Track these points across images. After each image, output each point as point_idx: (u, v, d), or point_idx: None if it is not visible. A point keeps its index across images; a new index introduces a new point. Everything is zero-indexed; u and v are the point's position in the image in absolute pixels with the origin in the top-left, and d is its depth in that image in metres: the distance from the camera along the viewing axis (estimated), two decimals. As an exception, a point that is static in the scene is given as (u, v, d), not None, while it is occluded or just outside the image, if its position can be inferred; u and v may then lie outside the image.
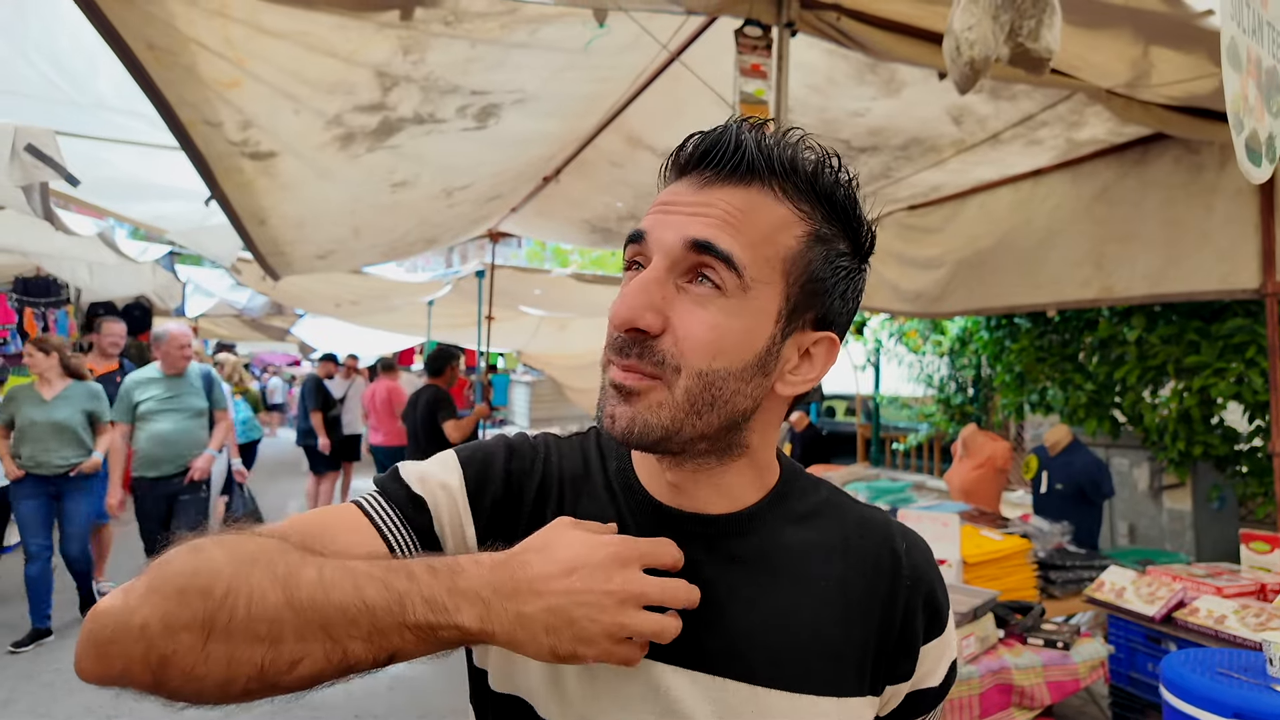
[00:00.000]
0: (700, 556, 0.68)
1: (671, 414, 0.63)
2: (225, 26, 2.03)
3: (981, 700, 2.25)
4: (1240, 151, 1.30)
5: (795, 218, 0.65)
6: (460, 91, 2.66)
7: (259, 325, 12.10)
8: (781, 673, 0.66)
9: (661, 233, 0.64)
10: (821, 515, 0.75)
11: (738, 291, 0.63)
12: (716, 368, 0.62)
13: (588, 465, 0.76)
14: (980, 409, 6.55)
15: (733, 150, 0.63)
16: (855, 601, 0.70)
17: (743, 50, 2.55)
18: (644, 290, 0.62)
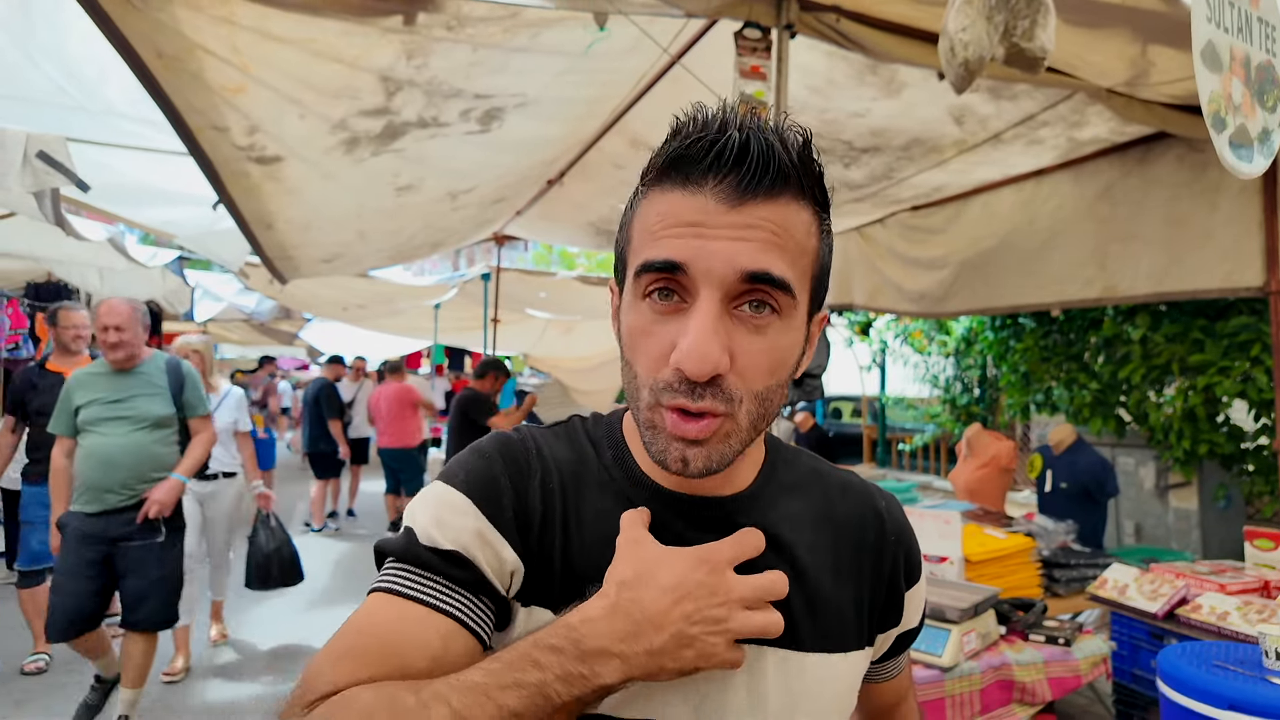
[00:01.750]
0: (708, 538, 0.69)
1: (740, 439, 0.64)
2: (232, 33, 2.06)
3: (982, 696, 2.26)
4: (1223, 149, 1.31)
5: (813, 218, 0.65)
6: (463, 95, 2.69)
7: (267, 329, 12.18)
8: (796, 636, 0.70)
9: (708, 263, 0.60)
10: (808, 484, 0.79)
11: (789, 312, 0.64)
12: (771, 384, 0.65)
13: (581, 456, 0.74)
14: (986, 409, 6.55)
15: (765, 160, 0.60)
16: (847, 561, 0.76)
17: (742, 52, 2.57)
18: (715, 333, 0.60)
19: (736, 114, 0.63)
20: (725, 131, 0.61)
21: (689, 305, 0.62)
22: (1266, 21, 1.38)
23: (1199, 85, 1.13)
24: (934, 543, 2.67)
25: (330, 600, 5.53)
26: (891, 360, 7.80)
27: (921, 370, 7.21)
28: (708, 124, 0.62)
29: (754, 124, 0.63)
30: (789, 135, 0.63)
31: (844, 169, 4.26)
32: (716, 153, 0.61)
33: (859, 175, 4.36)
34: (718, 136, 0.61)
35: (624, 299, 0.68)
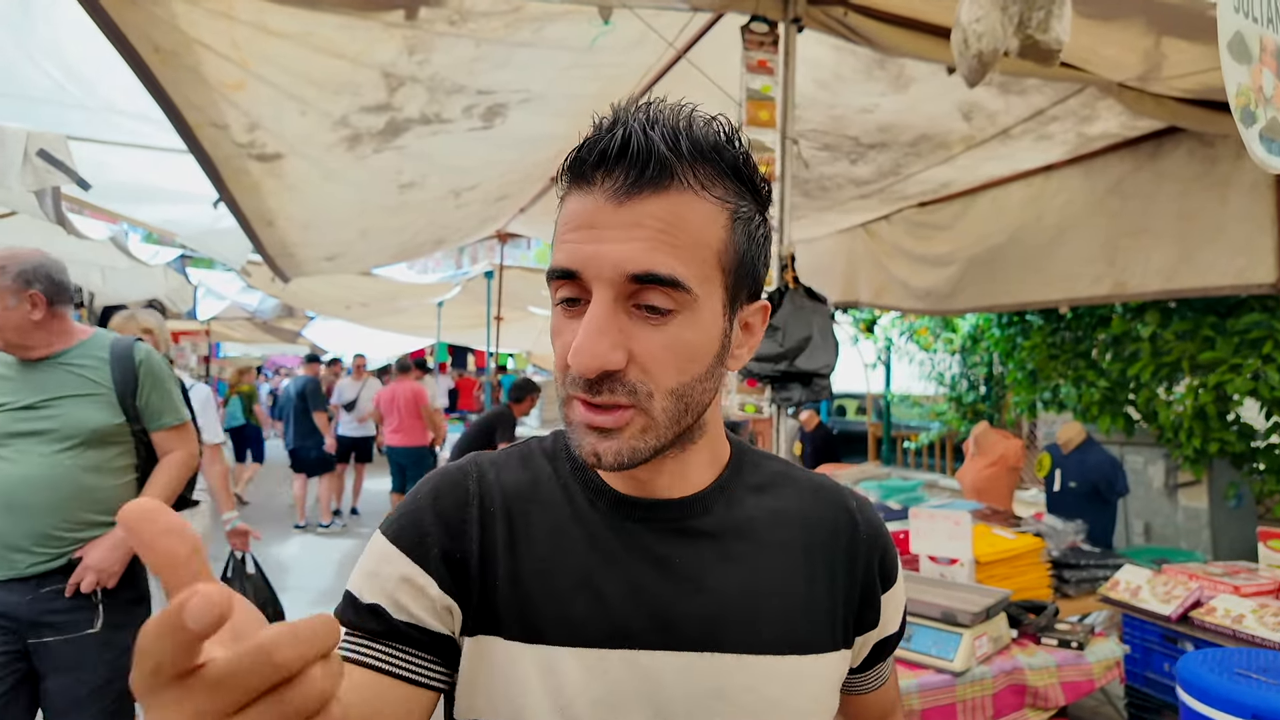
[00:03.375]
0: (669, 540, 0.70)
1: (656, 434, 0.64)
2: (230, 28, 2.03)
3: (995, 701, 2.22)
4: (1254, 144, 1.27)
5: (717, 208, 0.63)
6: (466, 91, 2.65)
7: (270, 328, 12.17)
8: (762, 638, 0.68)
9: (598, 268, 0.61)
10: (776, 485, 0.77)
11: (689, 306, 0.63)
12: (685, 380, 0.64)
13: (535, 475, 0.73)
14: (992, 407, 6.50)
15: (645, 155, 0.60)
16: (820, 562, 0.74)
17: (749, 46, 2.53)
18: (601, 332, 0.60)
19: (639, 110, 0.62)
20: (613, 130, 0.61)
21: (592, 302, 0.62)
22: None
23: (1226, 78, 1.09)
24: (944, 544, 2.64)
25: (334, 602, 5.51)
26: (896, 357, 7.75)
27: (927, 368, 7.16)
28: (606, 125, 0.62)
29: (646, 118, 0.61)
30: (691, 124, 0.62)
31: (850, 165, 4.22)
32: (601, 151, 0.61)
33: (866, 171, 4.32)
34: (604, 135, 0.61)
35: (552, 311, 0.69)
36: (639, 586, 0.68)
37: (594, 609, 0.67)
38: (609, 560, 0.69)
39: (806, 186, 4.59)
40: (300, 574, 6.10)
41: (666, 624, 0.67)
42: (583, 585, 0.67)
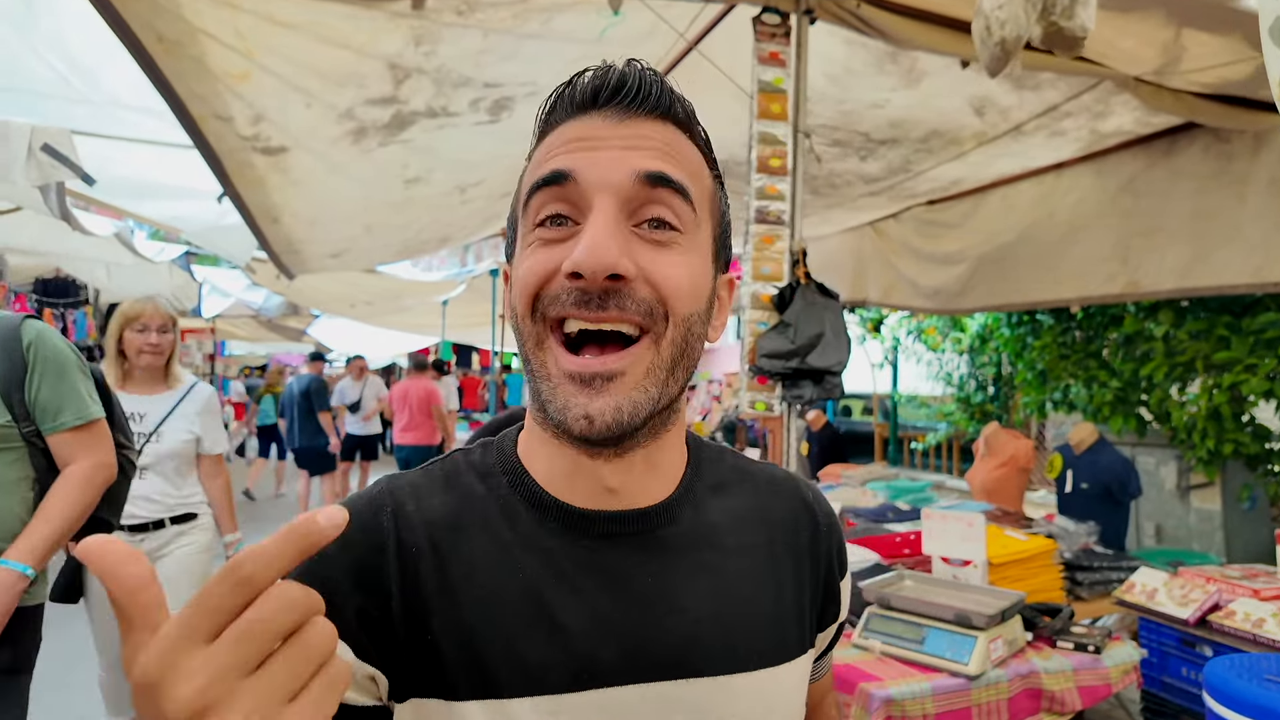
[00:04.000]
0: (634, 557, 0.61)
1: (658, 382, 0.56)
2: (235, 17, 2.00)
3: (1010, 705, 2.18)
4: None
5: (703, 159, 0.62)
6: (473, 84, 2.62)
7: (275, 326, 12.17)
8: (737, 655, 0.62)
9: (603, 171, 0.55)
10: (734, 483, 0.70)
11: (693, 228, 0.59)
12: (692, 312, 0.58)
13: (465, 496, 0.63)
14: (1001, 407, 6.45)
15: (647, 84, 0.58)
16: (786, 564, 0.68)
17: (760, 38, 2.50)
18: (611, 233, 0.54)
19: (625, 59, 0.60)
20: (608, 72, 0.58)
21: (582, 226, 0.55)
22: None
23: (1270, 66, 1.05)
24: (957, 545, 2.59)
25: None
26: (904, 357, 7.70)
27: (935, 368, 7.11)
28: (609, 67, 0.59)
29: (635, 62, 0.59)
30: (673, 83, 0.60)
31: (860, 162, 4.18)
32: (599, 81, 0.58)
33: (875, 168, 4.27)
34: (600, 70, 0.59)
35: (515, 259, 0.60)
36: (604, 615, 0.59)
37: (553, 649, 0.57)
38: (566, 588, 0.59)
39: (815, 183, 4.55)
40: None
41: (637, 654, 0.59)
42: (537, 622, 0.58)
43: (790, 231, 2.50)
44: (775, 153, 2.45)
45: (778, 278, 2.45)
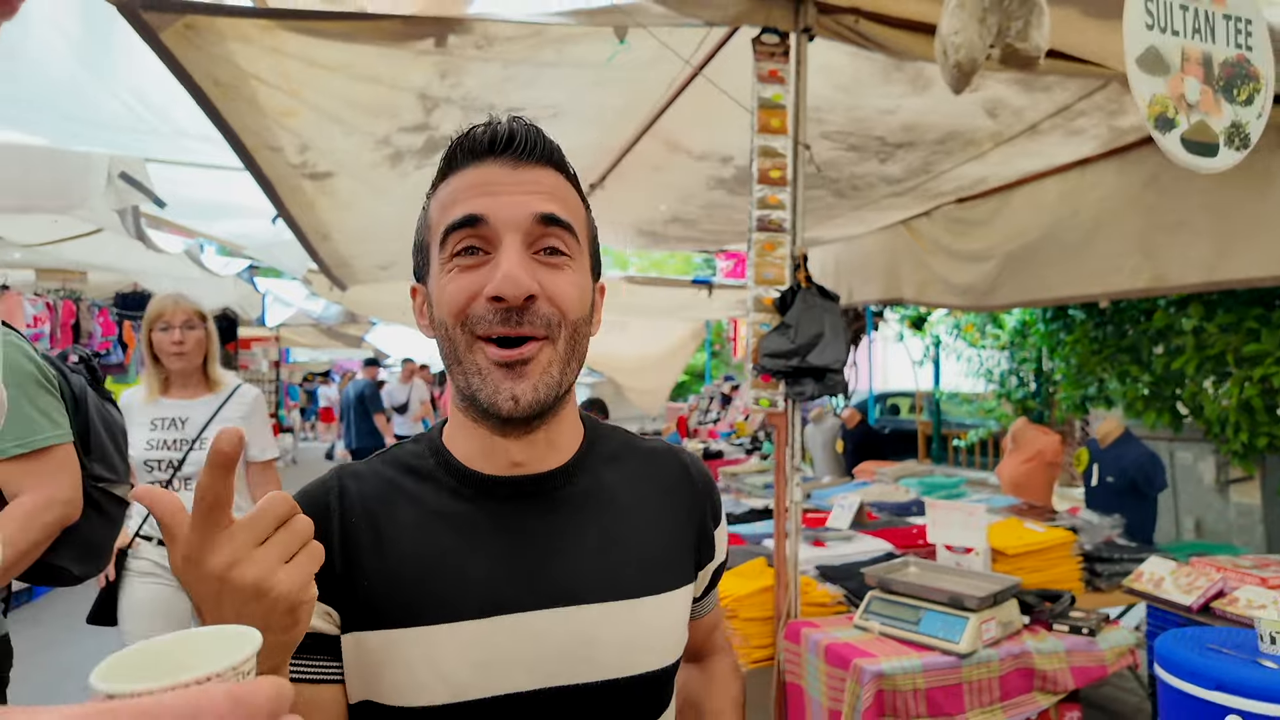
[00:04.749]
0: (533, 513, 0.79)
1: (560, 368, 0.75)
2: (281, 62, 2.25)
3: (1002, 683, 2.29)
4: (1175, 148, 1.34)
5: (576, 194, 0.80)
6: (497, 109, 2.84)
7: (335, 333, 12.72)
8: (621, 587, 0.79)
9: (508, 214, 0.72)
10: (623, 455, 0.89)
11: (578, 253, 0.77)
12: (580, 315, 0.76)
13: (398, 477, 0.80)
14: (1043, 403, 6.41)
15: (534, 137, 0.75)
16: (667, 513, 0.87)
17: (760, 57, 2.65)
18: (523, 264, 0.72)
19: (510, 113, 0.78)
20: (493, 124, 0.76)
21: (493, 255, 0.73)
22: (1237, 17, 1.39)
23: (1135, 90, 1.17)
24: (958, 534, 2.70)
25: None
26: (945, 354, 7.68)
27: (975, 364, 7.09)
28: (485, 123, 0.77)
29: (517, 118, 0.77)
30: None
31: (880, 164, 4.27)
32: (492, 134, 0.75)
33: (896, 170, 4.36)
34: (490, 125, 0.76)
35: (430, 280, 0.78)
36: (505, 559, 0.76)
37: (464, 586, 0.74)
38: (475, 541, 0.76)
39: (838, 185, 4.66)
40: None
41: (533, 588, 0.76)
42: (452, 567, 0.75)
43: (792, 237, 2.65)
44: (775, 165, 2.60)
45: (780, 282, 2.60)
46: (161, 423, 2.54)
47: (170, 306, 2.55)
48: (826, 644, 2.34)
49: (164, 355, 2.53)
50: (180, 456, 2.53)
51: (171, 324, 2.53)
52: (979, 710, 2.26)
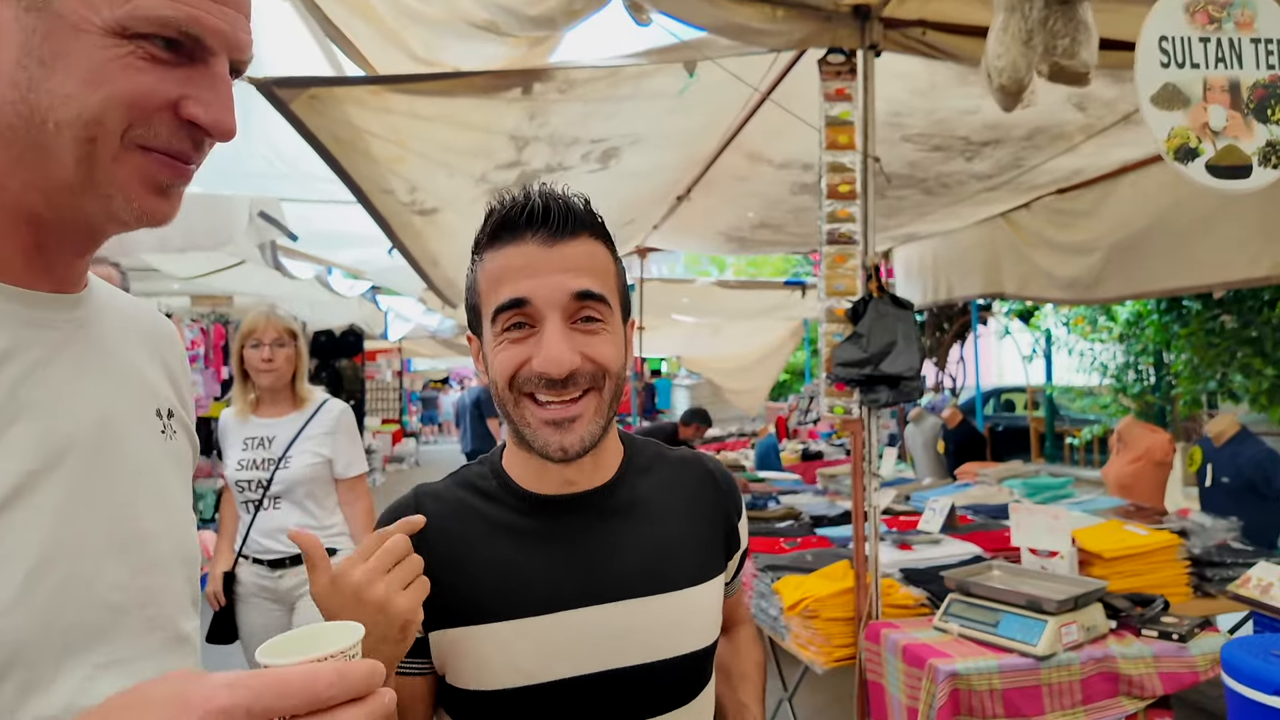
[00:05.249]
0: (584, 523, 0.94)
1: (605, 415, 0.89)
2: (389, 118, 2.56)
3: (1084, 686, 2.29)
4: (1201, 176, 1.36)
5: (607, 250, 0.92)
6: (581, 142, 3.07)
7: (450, 344, 13.49)
8: (663, 580, 0.94)
9: (547, 294, 0.84)
10: (656, 465, 1.04)
11: (610, 315, 0.89)
12: (619, 367, 0.90)
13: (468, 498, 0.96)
14: (1162, 398, 6.07)
15: (564, 212, 0.86)
16: (698, 513, 1.02)
17: (826, 77, 2.74)
18: (565, 342, 0.84)
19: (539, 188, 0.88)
20: (530, 199, 0.86)
21: (537, 328, 0.85)
22: (1267, 39, 1.38)
23: (1151, 125, 1.21)
24: (1043, 537, 2.70)
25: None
26: (1057, 348, 7.37)
27: (1088, 358, 6.78)
28: (515, 199, 0.87)
29: (549, 192, 0.87)
30: (575, 197, 0.89)
31: (966, 162, 4.23)
32: (529, 213, 0.86)
33: (984, 167, 4.29)
34: (525, 202, 0.86)
35: (485, 343, 0.91)
36: (561, 564, 0.91)
37: (524, 588, 0.89)
38: (534, 550, 0.92)
39: (927, 184, 4.63)
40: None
41: (584, 588, 0.90)
42: (514, 572, 0.90)
43: (863, 248, 2.72)
44: (844, 180, 2.69)
45: (851, 292, 2.69)
46: (251, 442, 2.56)
47: (262, 323, 2.55)
48: (905, 644, 2.41)
49: (254, 372, 2.53)
50: (268, 476, 2.52)
51: (262, 341, 2.53)
52: (1060, 713, 2.28)
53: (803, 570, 2.92)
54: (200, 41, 0.60)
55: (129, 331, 0.77)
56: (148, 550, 0.69)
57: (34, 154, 0.58)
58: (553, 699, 0.88)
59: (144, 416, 0.74)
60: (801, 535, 3.55)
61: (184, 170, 0.65)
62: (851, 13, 2.72)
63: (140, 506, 0.69)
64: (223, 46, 0.62)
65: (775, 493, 4.57)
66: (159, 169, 0.62)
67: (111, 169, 0.59)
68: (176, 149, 0.62)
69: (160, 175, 0.62)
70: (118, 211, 0.62)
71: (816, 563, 2.99)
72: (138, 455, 0.71)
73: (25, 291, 0.63)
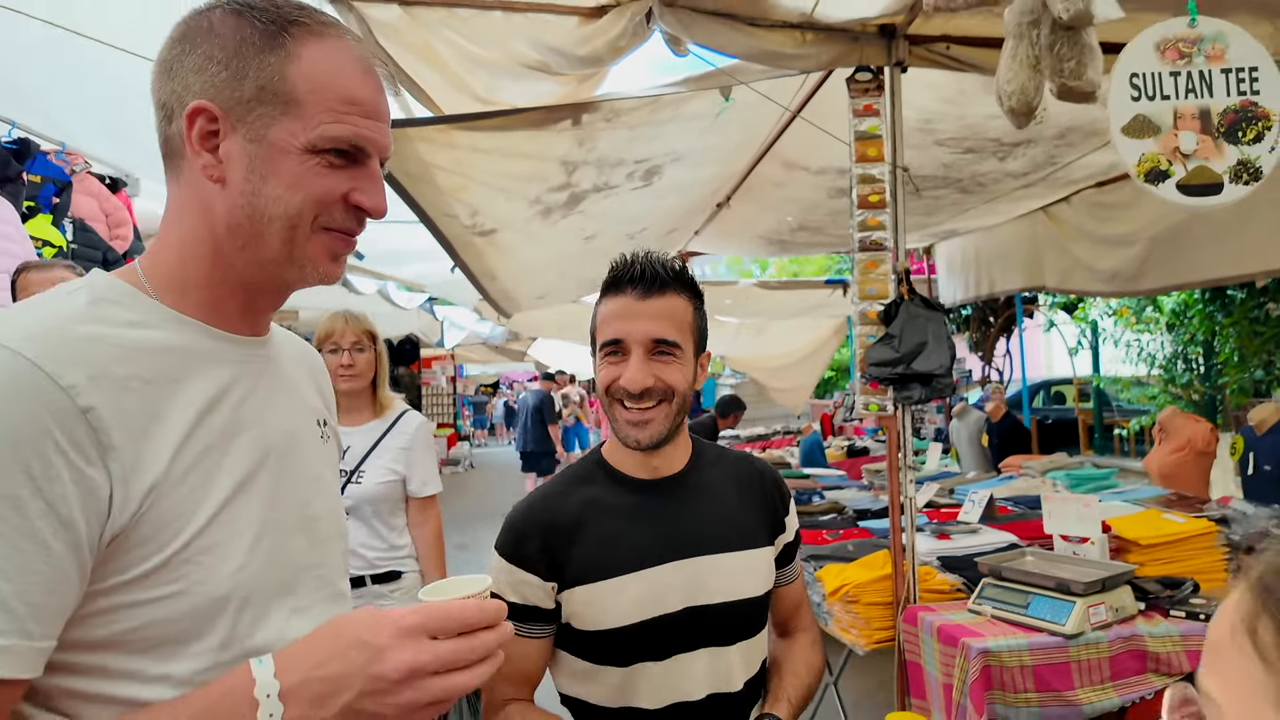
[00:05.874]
0: (667, 500, 1.29)
1: (670, 420, 1.24)
2: (453, 153, 2.82)
3: (1112, 663, 2.43)
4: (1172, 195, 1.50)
5: (687, 301, 1.27)
6: (626, 163, 3.30)
7: (502, 350, 13.90)
8: (724, 543, 1.29)
9: (636, 337, 1.22)
10: (719, 461, 1.40)
11: (681, 352, 1.24)
12: (684, 390, 1.25)
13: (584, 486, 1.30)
14: (1212, 387, 6.03)
15: (655, 275, 1.22)
16: (748, 499, 1.37)
17: (854, 94, 2.91)
18: (643, 370, 1.21)
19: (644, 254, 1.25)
20: (633, 265, 1.24)
21: (627, 358, 1.23)
22: (1238, 69, 1.51)
23: (1122, 152, 1.37)
24: (1074, 524, 2.83)
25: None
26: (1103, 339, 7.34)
27: (1136, 349, 6.75)
28: (624, 261, 1.25)
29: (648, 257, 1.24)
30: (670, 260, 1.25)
31: (999, 162, 4.33)
32: (630, 274, 1.23)
33: (1018, 165, 4.39)
34: (629, 266, 1.24)
35: (596, 358, 1.28)
36: (652, 530, 1.26)
37: (625, 551, 1.24)
38: (633, 521, 1.26)
39: (962, 184, 4.73)
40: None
41: (668, 547, 1.25)
42: (619, 539, 1.25)
43: (895, 254, 2.89)
44: (874, 190, 2.87)
45: (883, 296, 2.86)
46: None
47: (340, 326, 2.45)
48: (940, 625, 2.58)
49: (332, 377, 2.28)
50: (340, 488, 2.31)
51: (341, 345, 2.41)
52: (1089, 687, 2.42)
53: (844, 559, 3.09)
54: (362, 149, 0.84)
55: (294, 360, 1.02)
56: (318, 527, 0.94)
57: (254, 240, 0.82)
58: (652, 632, 1.21)
59: (309, 426, 0.99)
60: (844, 527, 3.71)
61: (352, 243, 0.89)
62: (878, 32, 2.89)
63: (312, 494, 0.93)
64: (375, 150, 0.86)
65: (820, 488, 4.73)
66: (336, 243, 0.86)
67: (305, 246, 0.83)
68: (348, 227, 0.86)
69: (336, 247, 0.87)
70: (308, 276, 0.87)
71: (857, 552, 3.16)
72: (309, 456, 0.95)
73: (239, 337, 0.88)
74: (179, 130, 0.80)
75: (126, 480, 0.71)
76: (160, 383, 0.77)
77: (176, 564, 0.74)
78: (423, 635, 0.72)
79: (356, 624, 0.74)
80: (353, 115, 0.81)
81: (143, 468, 0.72)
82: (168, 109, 0.81)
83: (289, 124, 0.79)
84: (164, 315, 0.81)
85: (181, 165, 0.82)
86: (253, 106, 0.79)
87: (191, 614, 0.75)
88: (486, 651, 0.75)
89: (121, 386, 0.73)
